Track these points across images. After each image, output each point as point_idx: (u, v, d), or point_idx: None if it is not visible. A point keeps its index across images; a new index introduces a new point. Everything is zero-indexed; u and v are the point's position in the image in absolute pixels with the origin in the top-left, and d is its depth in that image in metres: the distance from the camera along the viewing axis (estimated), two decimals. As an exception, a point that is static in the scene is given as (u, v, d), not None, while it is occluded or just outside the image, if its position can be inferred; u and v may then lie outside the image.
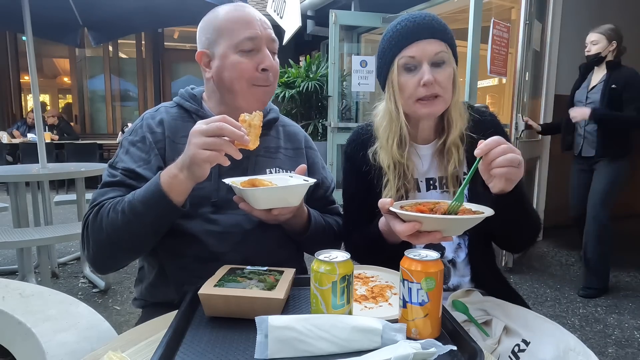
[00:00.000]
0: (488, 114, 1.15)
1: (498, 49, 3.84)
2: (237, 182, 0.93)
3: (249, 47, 1.02)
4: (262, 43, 1.04)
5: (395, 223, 0.85)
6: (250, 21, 1.03)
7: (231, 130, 0.82)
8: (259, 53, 1.04)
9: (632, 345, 2.34)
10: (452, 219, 0.80)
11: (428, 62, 1.01)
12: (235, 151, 0.84)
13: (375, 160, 1.11)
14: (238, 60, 1.02)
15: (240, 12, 1.05)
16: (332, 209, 1.24)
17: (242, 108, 1.01)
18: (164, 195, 0.88)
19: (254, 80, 1.04)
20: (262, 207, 0.91)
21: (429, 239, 0.83)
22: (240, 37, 1.02)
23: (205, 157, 0.82)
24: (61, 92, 9.92)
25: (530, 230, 1.05)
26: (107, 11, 3.50)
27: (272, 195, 0.89)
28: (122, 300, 2.83)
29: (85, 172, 3.15)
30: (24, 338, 0.78)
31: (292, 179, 0.99)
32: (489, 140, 0.82)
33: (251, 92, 1.05)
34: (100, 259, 0.99)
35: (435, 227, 0.82)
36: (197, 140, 0.83)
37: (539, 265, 3.56)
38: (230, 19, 1.04)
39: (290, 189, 0.91)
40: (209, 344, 0.68)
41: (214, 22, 1.05)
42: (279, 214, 0.93)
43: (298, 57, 7.55)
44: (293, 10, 5.27)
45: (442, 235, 0.83)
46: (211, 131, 0.82)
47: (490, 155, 0.82)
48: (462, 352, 0.65)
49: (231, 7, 1.06)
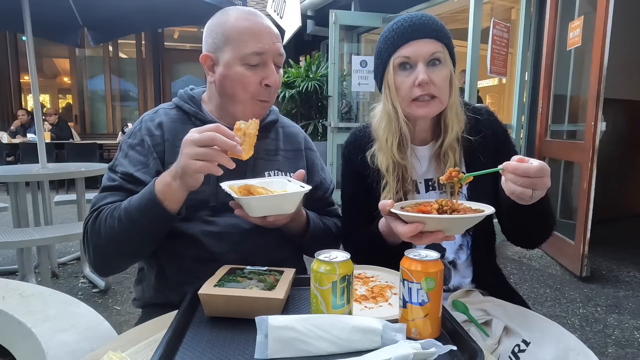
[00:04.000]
0: (485, 113, 1.14)
1: (498, 49, 3.84)
2: (234, 186, 0.92)
3: (255, 61, 1.00)
4: (269, 58, 1.02)
5: (396, 224, 0.85)
6: (260, 35, 1.00)
7: (223, 140, 0.80)
8: (265, 68, 1.02)
9: (632, 345, 2.33)
10: (454, 218, 0.80)
11: (423, 62, 1.00)
12: (228, 161, 0.82)
13: (373, 163, 1.11)
14: (243, 73, 1.00)
15: (252, 23, 1.01)
16: (331, 210, 1.24)
17: (239, 117, 1.00)
18: (158, 203, 0.88)
19: (257, 94, 1.03)
20: (257, 215, 0.90)
21: (432, 239, 0.82)
22: (248, 51, 0.99)
23: (197, 167, 0.81)
24: (61, 92, 9.93)
25: (545, 228, 1.03)
26: (107, 11, 3.50)
27: (266, 203, 0.88)
28: (122, 300, 2.83)
29: (85, 172, 3.15)
30: (24, 338, 0.78)
31: (290, 183, 0.99)
32: (521, 167, 0.76)
33: (251, 105, 1.04)
34: (100, 263, 1.00)
35: (438, 227, 0.81)
36: (189, 151, 0.81)
37: (539, 266, 3.56)
38: (240, 28, 1.00)
39: (286, 197, 0.89)
40: (209, 344, 0.68)
41: (222, 27, 1.02)
42: (275, 220, 0.93)
43: (298, 57, 7.55)
44: (293, 10, 5.27)
45: (445, 235, 0.82)
46: (203, 141, 0.81)
47: (508, 175, 0.78)
48: (462, 352, 0.65)
49: (242, 14, 1.03)
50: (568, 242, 3.38)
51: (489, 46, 3.76)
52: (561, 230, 3.56)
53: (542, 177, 0.77)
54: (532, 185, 0.77)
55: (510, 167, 0.77)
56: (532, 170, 0.76)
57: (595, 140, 3.01)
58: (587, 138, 3.08)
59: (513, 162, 0.78)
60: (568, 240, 3.40)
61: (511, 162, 0.78)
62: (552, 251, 3.62)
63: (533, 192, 0.78)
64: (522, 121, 4.14)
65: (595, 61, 3.03)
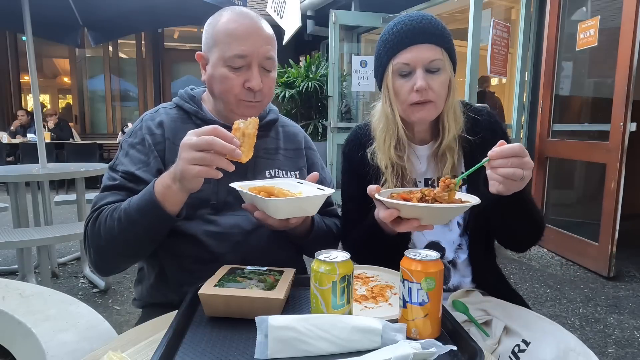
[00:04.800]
0: (485, 113, 1.14)
1: (498, 49, 3.84)
2: (244, 187, 0.91)
3: (238, 64, 0.99)
4: (254, 61, 1.00)
5: (379, 209, 0.88)
6: (245, 38, 0.99)
7: (222, 144, 0.79)
8: (248, 71, 1.01)
9: (632, 345, 2.33)
10: (428, 207, 0.81)
11: (422, 68, 1.00)
12: (227, 164, 0.81)
13: (373, 160, 1.11)
14: (226, 75, 1.00)
15: (238, 25, 1.00)
16: (331, 210, 1.24)
17: (231, 116, 1.00)
18: (157, 205, 0.87)
19: (240, 96, 1.02)
20: (281, 217, 0.89)
21: (408, 227, 0.85)
22: (230, 53, 0.99)
23: (195, 172, 0.80)
24: (61, 92, 9.94)
25: (532, 230, 1.05)
26: (107, 11, 3.50)
27: (293, 205, 0.88)
28: (122, 300, 2.83)
29: (85, 172, 3.15)
30: (24, 338, 0.78)
31: (302, 185, 0.98)
32: (506, 147, 0.81)
33: (238, 106, 1.03)
34: (100, 263, 1.00)
35: (413, 214, 0.84)
36: (187, 155, 0.80)
37: (539, 266, 3.56)
38: (227, 30, 1.00)
39: (311, 200, 0.89)
40: (209, 344, 0.68)
41: (213, 28, 1.03)
42: (296, 222, 0.93)
43: (298, 57, 7.55)
44: (293, 10, 5.27)
45: (420, 224, 0.84)
46: (200, 145, 0.79)
47: (496, 162, 0.81)
48: (462, 352, 0.65)
49: (234, 15, 1.02)
50: (589, 243, 3.41)
51: (489, 46, 3.76)
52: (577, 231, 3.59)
53: (526, 156, 0.81)
54: (521, 164, 0.81)
55: (495, 153, 0.81)
56: (516, 147, 0.81)
57: (625, 140, 3.07)
58: (615, 138, 3.13)
59: (496, 147, 0.82)
60: (588, 241, 3.42)
61: (494, 149, 0.82)
62: (569, 254, 3.62)
63: (523, 172, 0.81)
64: (522, 121, 4.14)
65: (622, 62, 3.05)
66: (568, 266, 3.54)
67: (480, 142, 1.09)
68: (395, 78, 1.04)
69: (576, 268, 3.46)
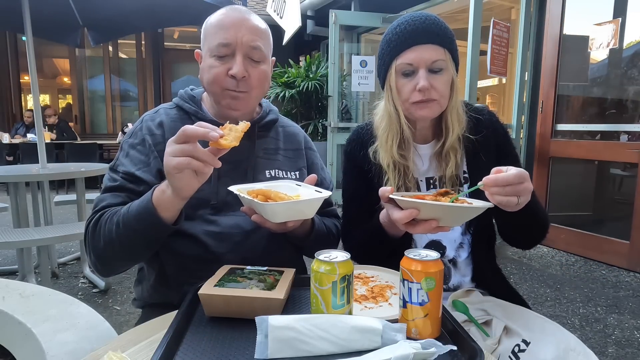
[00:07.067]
0: (486, 113, 1.15)
1: (498, 49, 3.84)
2: (242, 190, 0.91)
3: (222, 52, 1.00)
4: (238, 49, 1.00)
5: (393, 211, 0.86)
6: (229, 27, 1.00)
7: (193, 129, 0.78)
8: (232, 59, 1.01)
9: (632, 345, 2.33)
10: (450, 207, 0.80)
11: (425, 67, 1.01)
12: (209, 156, 0.79)
13: (375, 159, 1.11)
14: (212, 65, 1.01)
15: (224, 17, 1.03)
16: (330, 211, 1.24)
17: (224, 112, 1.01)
18: (153, 212, 0.87)
19: (224, 84, 1.02)
20: (279, 221, 0.90)
21: (425, 228, 0.83)
22: (215, 42, 1.00)
23: (175, 163, 0.78)
24: (61, 92, 9.92)
25: (537, 230, 1.05)
26: (107, 11, 3.50)
27: (291, 209, 0.88)
28: (122, 300, 2.83)
29: (85, 172, 3.15)
30: (24, 338, 0.78)
31: (301, 188, 0.98)
32: (500, 177, 0.77)
33: (223, 96, 1.03)
34: (100, 265, 1.00)
35: (433, 214, 0.82)
36: (168, 149, 0.80)
37: (539, 266, 3.56)
38: (214, 22, 1.03)
39: (309, 203, 0.89)
40: (209, 344, 0.68)
41: (206, 24, 1.06)
42: (294, 225, 0.93)
43: (298, 57, 7.55)
44: (293, 10, 5.27)
45: (438, 225, 0.82)
46: (178, 137, 0.79)
47: (492, 189, 0.78)
48: (462, 352, 0.65)
49: (225, 10, 1.05)
50: (618, 242, 3.42)
51: (489, 46, 3.76)
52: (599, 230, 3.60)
53: (523, 183, 0.78)
54: (516, 192, 0.78)
55: (489, 180, 0.78)
56: (511, 177, 0.77)
57: None
58: None
59: (491, 175, 0.79)
60: (616, 239, 3.43)
61: (489, 176, 0.78)
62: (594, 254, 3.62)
63: (518, 199, 0.79)
64: (522, 121, 4.14)
65: None
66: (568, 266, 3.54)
67: (483, 142, 1.09)
68: (398, 77, 1.04)
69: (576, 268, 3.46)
